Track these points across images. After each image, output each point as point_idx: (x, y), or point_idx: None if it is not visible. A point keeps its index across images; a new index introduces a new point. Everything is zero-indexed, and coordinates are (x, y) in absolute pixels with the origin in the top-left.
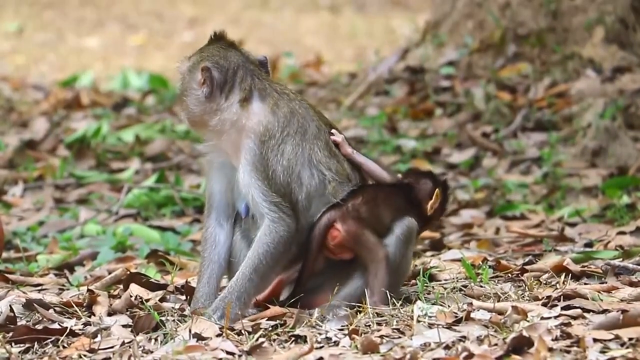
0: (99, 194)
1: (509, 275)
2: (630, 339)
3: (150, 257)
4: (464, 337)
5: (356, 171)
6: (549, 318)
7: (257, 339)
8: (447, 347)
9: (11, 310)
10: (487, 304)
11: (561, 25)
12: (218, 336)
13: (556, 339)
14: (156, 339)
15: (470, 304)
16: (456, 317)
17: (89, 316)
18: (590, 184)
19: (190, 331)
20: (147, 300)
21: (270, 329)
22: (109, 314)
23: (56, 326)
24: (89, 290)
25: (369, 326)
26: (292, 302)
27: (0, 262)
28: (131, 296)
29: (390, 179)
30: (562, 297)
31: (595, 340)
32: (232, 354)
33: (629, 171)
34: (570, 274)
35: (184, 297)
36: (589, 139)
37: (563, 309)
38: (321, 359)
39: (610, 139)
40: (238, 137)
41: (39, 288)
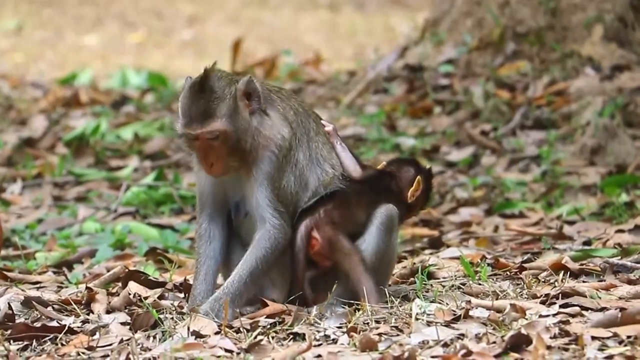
0: (97, 191)
1: (508, 273)
2: (629, 336)
3: (149, 255)
4: (462, 334)
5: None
6: (548, 316)
7: (255, 337)
8: (445, 345)
9: (10, 307)
10: (485, 301)
11: (560, 23)
12: (216, 334)
13: (554, 337)
14: (154, 337)
15: (469, 302)
16: (455, 314)
17: (88, 314)
18: (589, 182)
19: (188, 329)
20: (146, 298)
21: (268, 326)
22: (107, 312)
23: (55, 324)
24: (87, 288)
25: (368, 324)
26: (290, 300)
27: None
28: (130, 294)
29: (358, 175)
30: (560, 295)
31: (594, 338)
32: (231, 351)
33: (627, 169)
34: (568, 272)
35: (182, 295)
36: (587, 137)
37: (561, 306)
38: (319, 356)
39: (609, 137)
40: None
41: (38, 286)
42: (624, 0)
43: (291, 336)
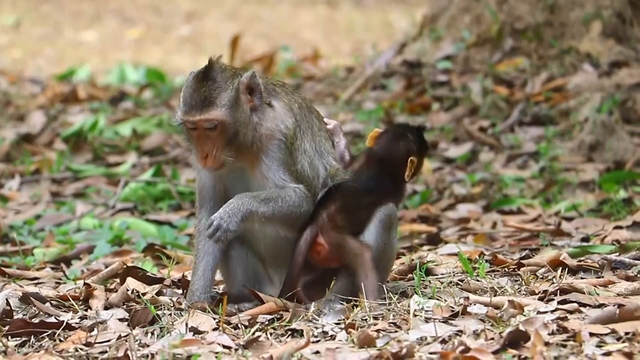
0: (95, 187)
1: (506, 269)
2: (627, 333)
3: (147, 251)
4: (460, 331)
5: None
6: (546, 312)
7: (253, 333)
8: (443, 342)
9: (8, 303)
10: (483, 298)
11: (558, 19)
12: (214, 330)
13: (552, 333)
14: (153, 333)
15: (467, 298)
16: (453, 311)
17: (86, 310)
18: (587, 178)
19: (186, 325)
20: (144, 294)
21: (266, 323)
22: (105, 308)
23: (53, 320)
24: (85, 284)
25: (366, 320)
26: (287, 297)
27: None
28: (128, 290)
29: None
30: (558, 291)
31: (592, 335)
32: (229, 347)
33: (625, 165)
34: (566, 269)
35: (180, 291)
36: (585, 134)
37: (559, 303)
38: (317, 353)
39: (607, 133)
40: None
41: (36, 282)
42: None
43: (289, 332)
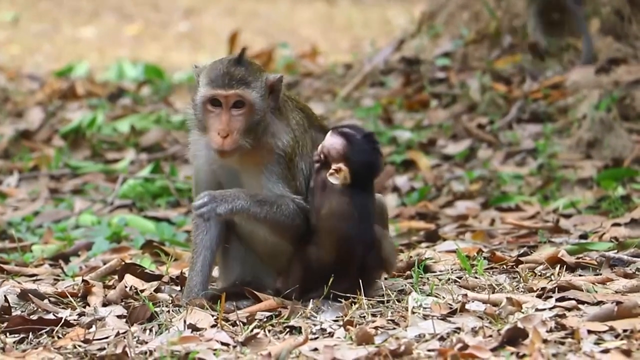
0: (94, 184)
1: (504, 266)
2: (625, 330)
3: (145, 248)
4: (458, 328)
5: None
6: (544, 310)
7: (252, 330)
8: (441, 339)
9: (6, 300)
10: (481, 295)
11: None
12: (213, 327)
13: (551, 331)
14: (151, 330)
15: (465, 296)
16: (451, 308)
17: (84, 307)
18: (585, 175)
19: (185, 322)
20: (142, 291)
21: (265, 320)
22: (103, 305)
23: (51, 316)
24: (83, 281)
25: (364, 317)
26: (286, 294)
27: None
28: (126, 287)
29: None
30: (556, 288)
31: (590, 332)
32: (227, 344)
33: (623, 163)
34: (565, 266)
35: (179, 288)
36: (584, 131)
37: (558, 300)
38: (316, 350)
39: (605, 130)
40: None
41: (34, 278)
42: None
43: (287, 329)
